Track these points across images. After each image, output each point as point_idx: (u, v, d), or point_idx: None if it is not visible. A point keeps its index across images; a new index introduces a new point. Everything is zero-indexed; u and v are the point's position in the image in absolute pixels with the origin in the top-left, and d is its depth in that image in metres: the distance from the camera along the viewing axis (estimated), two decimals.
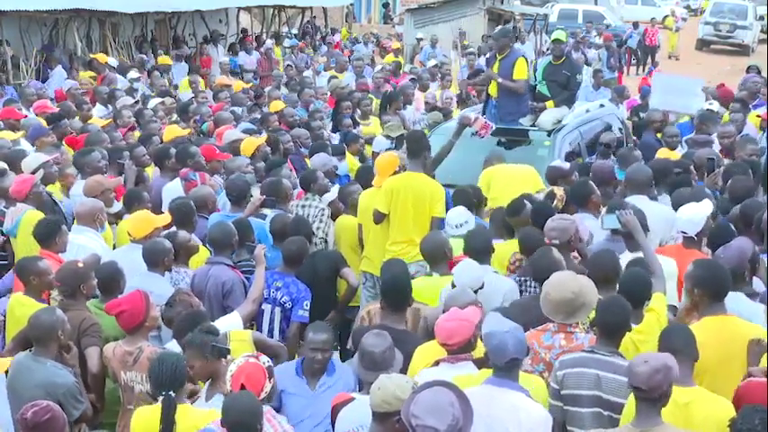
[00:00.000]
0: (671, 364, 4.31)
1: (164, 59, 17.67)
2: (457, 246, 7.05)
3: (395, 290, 6.03)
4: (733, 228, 6.64)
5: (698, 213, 6.58)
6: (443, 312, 5.61)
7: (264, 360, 4.90)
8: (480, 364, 5.07)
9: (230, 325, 5.89)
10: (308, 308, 6.84)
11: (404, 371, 5.19)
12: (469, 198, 7.94)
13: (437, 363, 5.15)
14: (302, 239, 7.09)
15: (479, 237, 6.87)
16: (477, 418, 4.28)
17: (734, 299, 5.53)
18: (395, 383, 4.36)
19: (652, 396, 4.27)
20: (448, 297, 5.76)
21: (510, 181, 8.68)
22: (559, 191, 7.80)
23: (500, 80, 10.43)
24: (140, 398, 5.40)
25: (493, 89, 10.62)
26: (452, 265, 6.53)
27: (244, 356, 4.93)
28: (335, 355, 6.79)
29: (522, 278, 6.54)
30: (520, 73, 10.47)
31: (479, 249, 6.69)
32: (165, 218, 7.32)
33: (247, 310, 6.30)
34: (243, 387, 4.71)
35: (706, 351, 5.01)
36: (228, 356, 5.17)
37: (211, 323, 5.58)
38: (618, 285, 5.61)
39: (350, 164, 10.29)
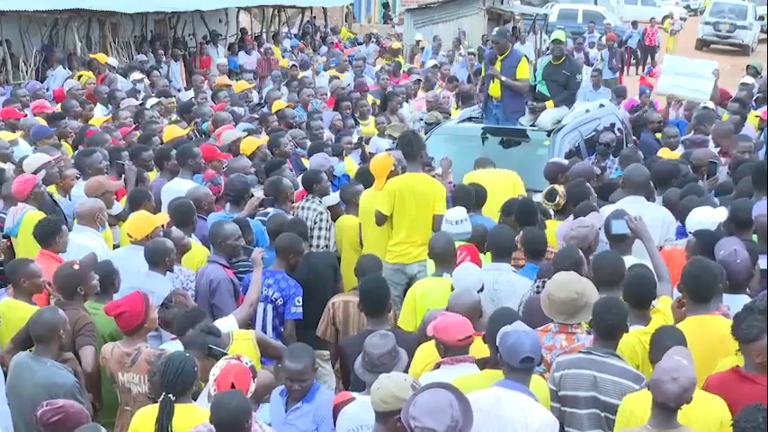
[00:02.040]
0: (695, 376, 4.33)
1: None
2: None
3: (373, 297, 6.01)
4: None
5: (710, 217, 6.63)
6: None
7: (246, 360, 4.88)
8: (482, 364, 5.08)
9: (226, 327, 5.88)
10: (301, 304, 6.86)
11: (407, 369, 5.18)
12: (470, 197, 7.94)
13: (438, 366, 5.15)
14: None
15: (502, 235, 6.83)
16: (487, 418, 4.32)
17: (737, 300, 5.53)
18: (393, 382, 4.37)
19: (676, 408, 4.31)
20: (452, 297, 5.76)
21: (488, 188, 8.63)
22: (561, 189, 7.81)
23: (504, 79, 10.43)
24: (137, 399, 5.41)
25: (495, 90, 10.59)
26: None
27: (224, 359, 4.90)
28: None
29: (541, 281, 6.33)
30: (523, 72, 10.55)
31: (501, 247, 6.68)
32: (163, 216, 7.33)
33: (244, 313, 6.27)
34: (233, 387, 4.70)
35: (691, 349, 5.05)
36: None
37: (212, 324, 5.60)
38: (623, 286, 5.61)
39: (348, 164, 10.28)
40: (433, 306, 6.25)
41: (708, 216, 6.65)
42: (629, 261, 6.17)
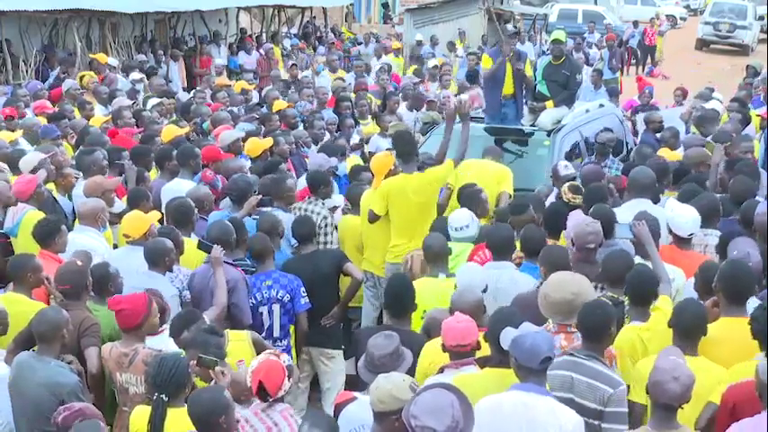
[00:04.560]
0: (693, 374, 4.35)
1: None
2: (456, 250, 7.09)
3: (397, 298, 6.03)
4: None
5: (694, 213, 6.73)
6: (450, 313, 5.61)
7: (285, 359, 4.91)
8: (483, 363, 5.08)
9: None
10: (306, 293, 6.89)
11: (411, 370, 5.15)
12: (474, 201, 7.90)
13: (441, 370, 5.13)
14: (264, 237, 7.03)
15: (501, 234, 6.82)
16: (514, 424, 4.33)
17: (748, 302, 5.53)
18: (391, 383, 4.36)
19: (677, 407, 4.32)
20: (454, 295, 5.76)
21: (473, 177, 8.60)
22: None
23: (528, 75, 10.47)
24: (134, 400, 5.42)
25: (508, 88, 10.54)
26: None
27: (266, 353, 4.96)
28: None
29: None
30: (528, 71, 10.62)
31: (501, 246, 6.67)
32: (155, 214, 7.34)
33: (213, 315, 6.15)
34: (261, 384, 4.73)
35: (722, 350, 5.13)
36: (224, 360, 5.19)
37: (213, 324, 5.59)
38: (626, 283, 5.64)
39: (350, 164, 10.27)
40: (427, 305, 6.25)
41: (691, 213, 6.75)
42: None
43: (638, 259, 6.24)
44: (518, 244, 6.89)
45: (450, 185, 8.51)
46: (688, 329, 5.07)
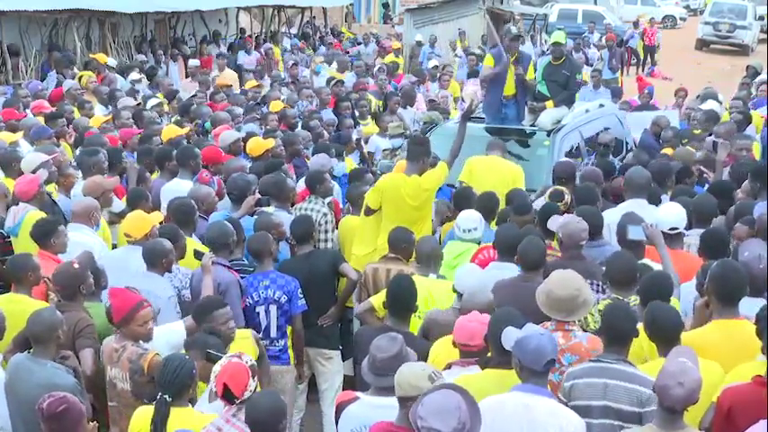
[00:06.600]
0: (700, 377, 4.31)
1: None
2: (460, 249, 7.07)
3: (398, 300, 5.98)
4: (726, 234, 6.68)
5: (677, 209, 6.78)
6: (460, 313, 5.61)
7: (247, 359, 4.88)
8: (483, 363, 5.08)
9: (172, 332, 5.82)
10: (303, 295, 6.88)
11: None
12: (469, 203, 7.89)
13: (449, 366, 5.15)
14: (264, 235, 7.00)
15: (508, 234, 6.80)
16: (515, 425, 4.33)
17: (756, 304, 5.49)
18: (411, 370, 4.41)
19: (682, 410, 4.30)
20: (466, 295, 5.76)
21: (488, 175, 8.61)
22: (565, 188, 7.81)
23: (528, 79, 10.55)
24: (121, 395, 5.44)
25: (509, 89, 10.54)
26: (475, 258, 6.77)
27: (227, 356, 4.93)
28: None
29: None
30: (531, 73, 10.67)
31: (507, 246, 6.65)
32: (158, 216, 7.33)
33: (191, 322, 6.04)
34: (225, 386, 4.71)
35: (716, 352, 5.06)
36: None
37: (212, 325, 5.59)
38: (640, 285, 5.62)
39: (348, 165, 10.28)
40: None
41: (677, 209, 6.78)
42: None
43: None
44: None
45: (465, 183, 8.59)
46: (664, 336, 5.02)
